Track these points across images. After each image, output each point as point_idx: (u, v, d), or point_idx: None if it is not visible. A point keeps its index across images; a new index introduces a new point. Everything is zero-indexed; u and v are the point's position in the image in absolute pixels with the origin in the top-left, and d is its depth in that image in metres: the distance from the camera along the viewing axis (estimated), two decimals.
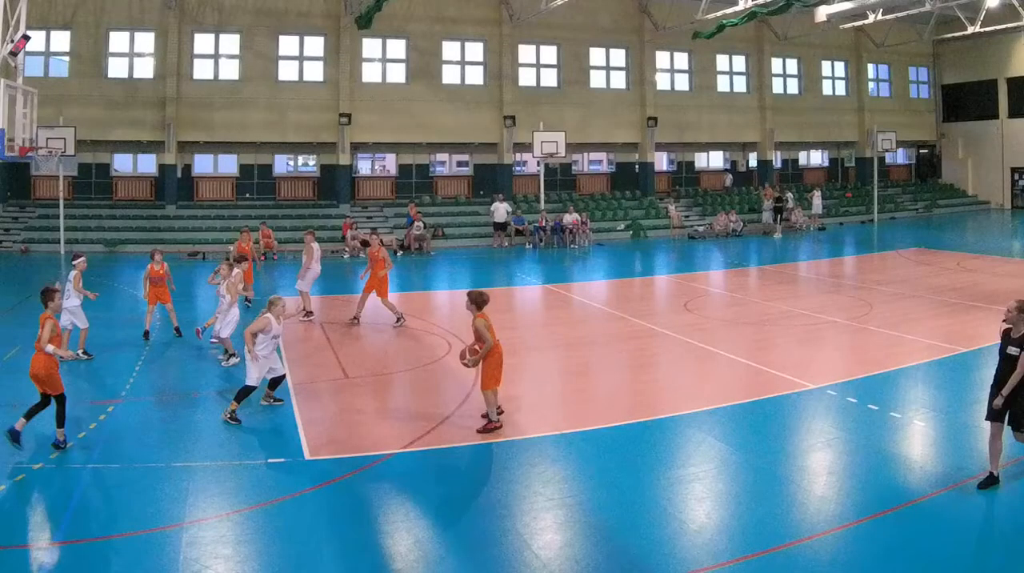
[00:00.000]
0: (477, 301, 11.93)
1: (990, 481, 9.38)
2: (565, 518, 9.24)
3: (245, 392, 12.61)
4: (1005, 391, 9.23)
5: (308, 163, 41.71)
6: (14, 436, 11.06)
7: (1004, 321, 9.53)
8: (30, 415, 11.24)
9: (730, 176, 43.98)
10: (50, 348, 10.94)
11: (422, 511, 9.47)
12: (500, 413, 12.20)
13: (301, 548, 8.55)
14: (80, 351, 15.96)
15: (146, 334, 17.89)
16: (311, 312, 20.66)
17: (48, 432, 11.60)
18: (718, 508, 9.45)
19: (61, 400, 11.25)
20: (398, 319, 19.55)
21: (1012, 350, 9.34)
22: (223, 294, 16.35)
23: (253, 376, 12.59)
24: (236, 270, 16.81)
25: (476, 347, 11.84)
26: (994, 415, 9.44)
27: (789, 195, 41.92)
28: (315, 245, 20.95)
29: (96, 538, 8.81)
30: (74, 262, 16.70)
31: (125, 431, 12.18)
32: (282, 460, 11.01)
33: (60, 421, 11.25)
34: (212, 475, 10.51)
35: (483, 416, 12.15)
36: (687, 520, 9.15)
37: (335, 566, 8.31)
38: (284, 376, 13.45)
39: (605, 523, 9.05)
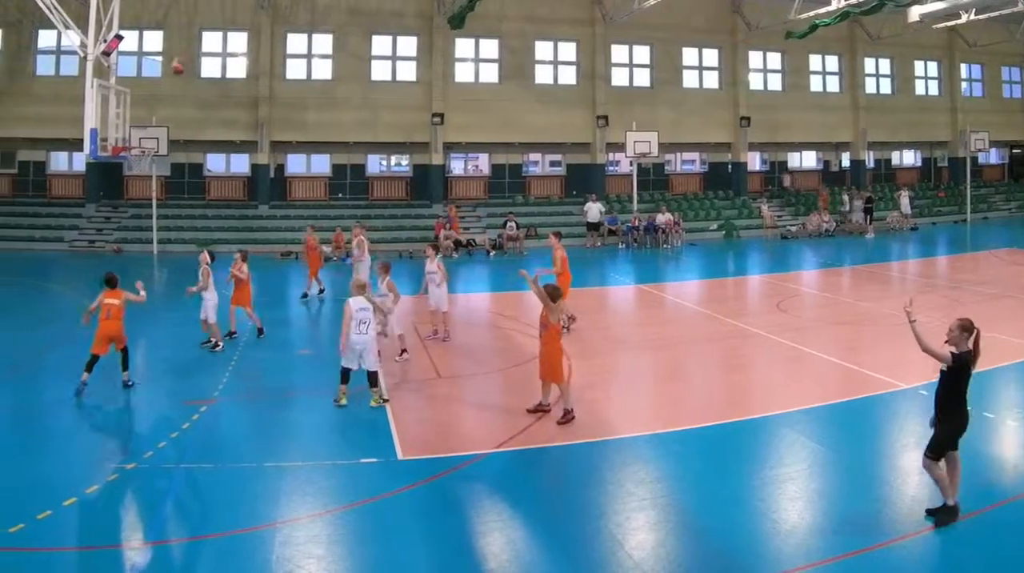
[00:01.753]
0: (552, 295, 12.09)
1: (946, 512, 8.33)
2: (657, 518, 8.86)
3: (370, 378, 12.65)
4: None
5: (401, 163, 39.12)
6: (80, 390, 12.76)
7: (946, 341, 8.47)
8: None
9: (788, 177, 41.18)
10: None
11: (515, 511, 9.04)
12: (548, 408, 12.03)
13: (393, 548, 8.19)
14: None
15: (231, 334, 17.29)
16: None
17: (140, 432, 11.76)
18: (810, 508, 9.03)
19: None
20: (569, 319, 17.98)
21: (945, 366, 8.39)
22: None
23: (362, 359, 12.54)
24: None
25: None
26: (931, 452, 8.48)
27: (846, 197, 39.05)
28: (364, 237, 21.50)
29: (189, 538, 8.50)
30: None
31: (218, 431, 11.82)
32: (375, 460, 10.49)
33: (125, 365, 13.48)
34: (305, 475, 10.04)
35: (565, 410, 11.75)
36: (780, 520, 8.71)
37: (428, 566, 7.96)
38: (372, 374, 12.72)
39: (698, 523, 8.69)
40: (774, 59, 40.36)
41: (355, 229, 22.34)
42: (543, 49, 37.96)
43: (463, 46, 37.35)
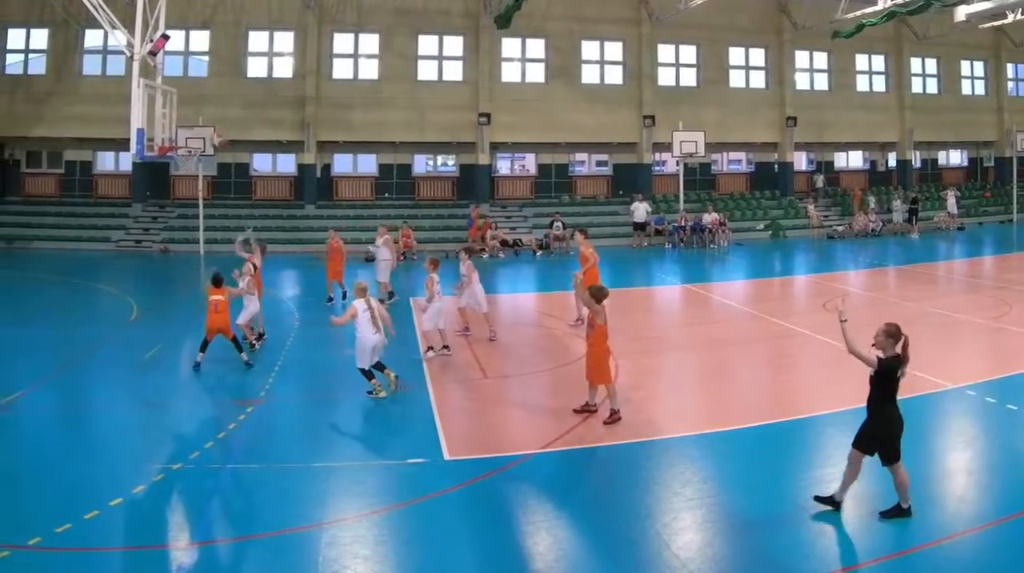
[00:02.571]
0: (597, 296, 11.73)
1: (830, 501, 8.43)
2: (704, 518, 8.61)
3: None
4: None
5: (447, 163, 37.83)
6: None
7: (873, 345, 8.50)
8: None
9: (821, 177, 39.56)
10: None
11: (561, 511, 8.79)
12: (594, 409, 11.75)
13: (440, 548, 7.99)
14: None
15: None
16: (393, 293, 20.66)
17: (187, 432, 11.41)
18: (857, 508, 8.65)
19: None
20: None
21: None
22: None
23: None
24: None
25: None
26: (858, 443, 8.43)
27: (871, 198, 37.73)
28: (388, 237, 21.41)
29: (235, 538, 8.32)
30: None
31: (265, 431, 11.55)
32: (421, 460, 10.19)
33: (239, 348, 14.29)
34: (352, 475, 9.86)
35: (611, 410, 11.46)
36: (825, 520, 8.41)
37: (474, 567, 7.74)
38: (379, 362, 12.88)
39: (744, 523, 8.42)
40: (820, 59, 38.89)
41: (380, 230, 21.63)
42: (589, 49, 36.72)
43: (509, 46, 36.19)
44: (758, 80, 38.34)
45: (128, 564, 7.80)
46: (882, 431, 8.23)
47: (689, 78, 37.77)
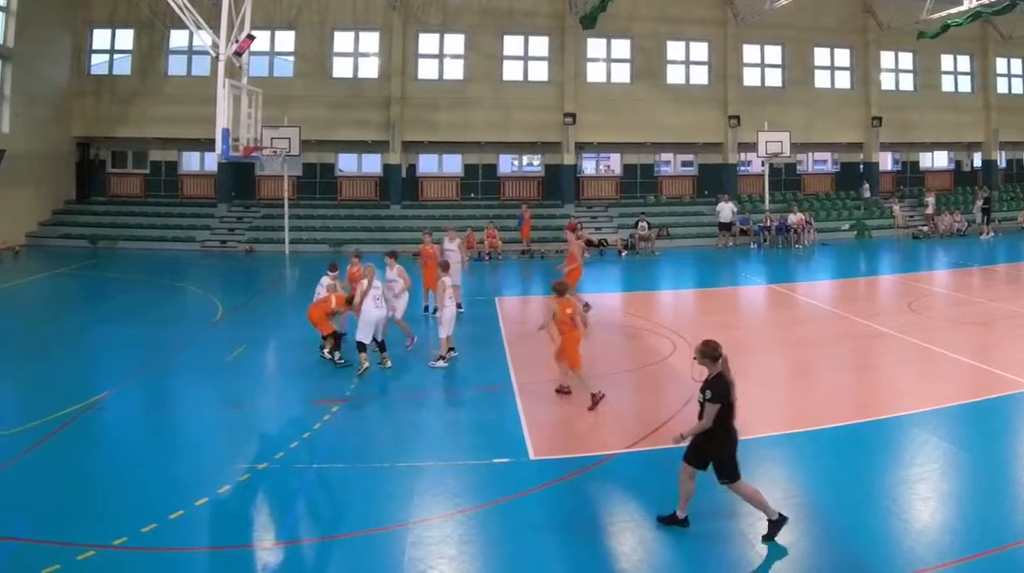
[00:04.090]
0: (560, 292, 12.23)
1: (673, 520, 7.90)
2: (789, 518, 7.82)
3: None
4: (686, 433, 7.77)
5: (533, 163, 35.98)
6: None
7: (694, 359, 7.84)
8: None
9: (867, 185, 36.87)
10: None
11: (646, 511, 8.31)
12: (568, 390, 12.16)
13: (525, 548, 7.65)
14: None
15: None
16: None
17: (272, 432, 11.04)
18: (942, 508, 8.41)
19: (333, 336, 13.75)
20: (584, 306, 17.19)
21: (699, 396, 7.72)
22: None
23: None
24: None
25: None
26: (688, 457, 7.86)
27: (929, 199, 35.15)
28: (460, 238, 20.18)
29: (320, 538, 8.01)
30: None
31: (349, 431, 11.15)
32: (507, 460, 9.77)
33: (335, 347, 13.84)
34: (437, 475, 9.38)
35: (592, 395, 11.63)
36: (911, 520, 8.14)
37: (559, 566, 7.41)
38: (382, 342, 13.51)
39: (829, 523, 8.11)
40: (906, 59, 36.65)
41: (449, 231, 20.29)
42: (675, 49, 34.75)
43: (595, 46, 34.24)
44: (843, 80, 36.09)
45: (213, 564, 7.50)
46: (717, 451, 7.68)
47: (774, 78, 35.63)
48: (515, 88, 34.02)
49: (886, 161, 38.23)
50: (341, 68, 33.75)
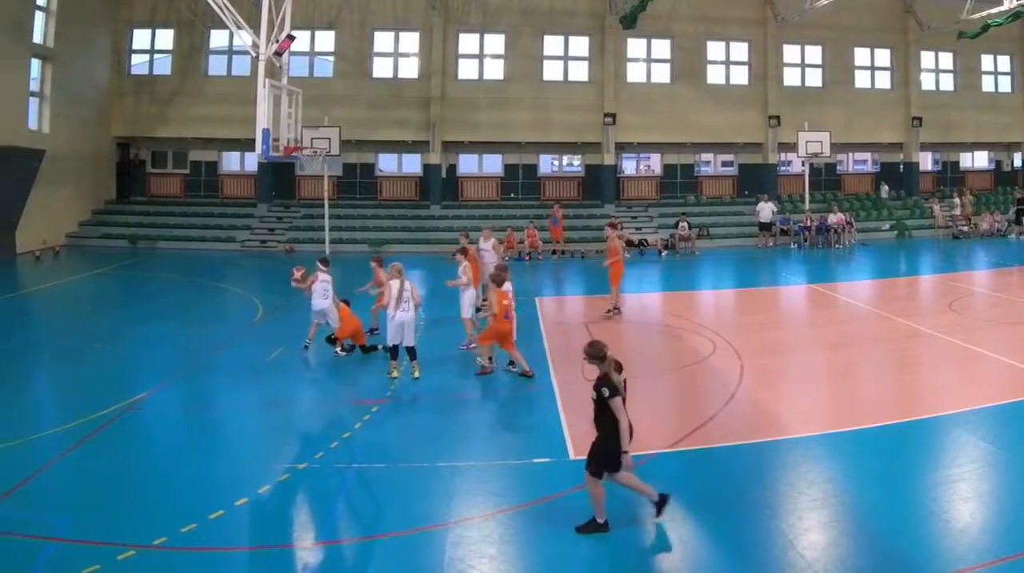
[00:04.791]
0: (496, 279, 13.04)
1: (595, 527, 7.65)
2: (829, 518, 8.04)
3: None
4: (623, 445, 7.50)
5: (573, 163, 35.03)
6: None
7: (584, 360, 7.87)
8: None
9: (885, 187, 36.24)
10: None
11: (686, 511, 8.15)
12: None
13: (565, 548, 7.49)
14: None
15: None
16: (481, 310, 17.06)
17: (312, 432, 10.90)
18: (982, 508, 8.19)
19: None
20: (613, 309, 17.53)
21: (593, 394, 7.61)
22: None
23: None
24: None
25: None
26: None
27: (956, 201, 34.28)
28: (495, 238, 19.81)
29: (360, 538, 7.86)
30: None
31: (389, 431, 10.89)
32: (547, 460, 9.60)
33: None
34: (477, 475, 9.21)
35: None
36: (952, 520, 7.95)
37: (599, 566, 7.34)
38: (411, 349, 12.88)
39: (870, 523, 7.89)
40: (946, 59, 35.71)
41: (484, 231, 19.90)
42: (715, 49, 33.85)
43: (635, 46, 33.36)
44: (883, 80, 35.11)
45: (253, 564, 7.39)
46: (604, 446, 7.58)
47: (815, 78, 34.67)
48: (555, 88, 33.16)
49: (926, 161, 37.34)
50: (381, 68, 32.96)
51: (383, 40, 33.06)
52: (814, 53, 34.88)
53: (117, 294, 22.73)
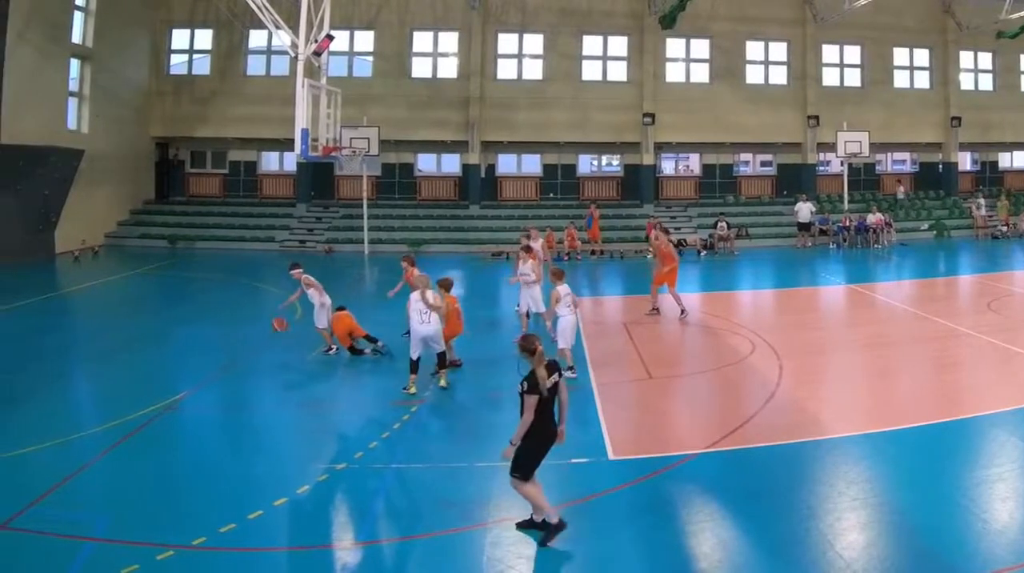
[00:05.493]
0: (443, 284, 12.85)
1: (538, 526, 7.39)
2: (868, 518, 7.85)
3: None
4: (514, 438, 7.25)
5: (612, 163, 34.23)
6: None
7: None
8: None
9: (901, 188, 35.12)
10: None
11: (726, 511, 8.00)
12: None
13: (604, 548, 7.34)
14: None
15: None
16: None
17: (351, 432, 10.63)
18: (1021, 508, 7.97)
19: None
20: (682, 312, 17.01)
21: (519, 387, 7.23)
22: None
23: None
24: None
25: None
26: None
27: (981, 200, 33.38)
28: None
29: (399, 538, 7.70)
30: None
31: (428, 431, 10.75)
32: (586, 460, 9.36)
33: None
34: None
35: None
36: (990, 520, 7.71)
37: (638, 566, 7.06)
38: (440, 354, 12.32)
39: (908, 523, 7.70)
40: (985, 59, 34.72)
41: (530, 231, 19.32)
42: (754, 49, 32.97)
43: (674, 46, 32.51)
44: (922, 80, 34.18)
45: (292, 564, 7.24)
46: (524, 443, 7.22)
47: (853, 78, 33.75)
48: (594, 88, 32.34)
49: (965, 161, 36.65)
50: (420, 68, 32.21)
51: (422, 40, 32.35)
52: (853, 53, 34.01)
53: (155, 294, 22.39)
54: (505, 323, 17.12)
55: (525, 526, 7.48)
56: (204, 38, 32.30)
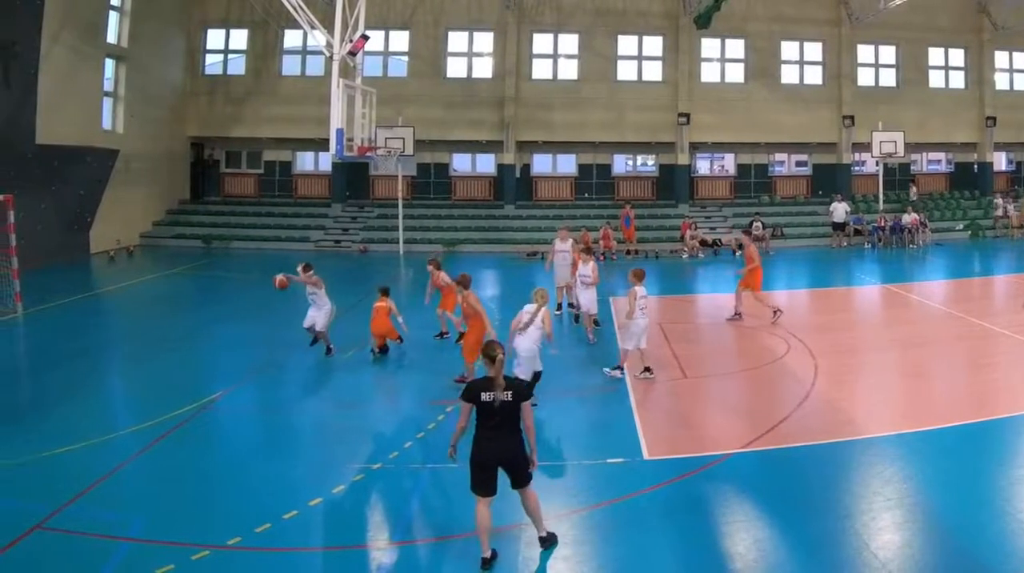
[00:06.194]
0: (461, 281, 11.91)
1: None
2: (903, 518, 7.69)
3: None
4: (453, 440, 7.09)
5: (647, 163, 33.31)
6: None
7: None
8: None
9: (914, 189, 34.11)
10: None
11: (760, 511, 7.90)
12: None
13: (640, 548, 7.18)
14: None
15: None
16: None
17: (386, 432, 10.42)
18: None
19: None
20: (775, 313, 16.50)
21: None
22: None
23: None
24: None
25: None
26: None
27: (998, 202, 32.34)
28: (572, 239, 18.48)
29: (434, 538, 7.52)
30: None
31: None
32: (621, 460, 9.24)
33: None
34: (551, 474, 8.77)
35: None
36: None
37: (674, 566, 6.95)
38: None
39: (943, 523, 7.52)
40: (1020, 59, 33.69)
41: (560, 231, 19.00)
42: (789, 49, 32.07)
43: (709, 46, 31.64)
44: (957, 80, 33.25)
45: (327, 564, 7.13)
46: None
47: (888, 78, 32.85)
48: (629, 88, 31.52)
49: (1000, 161, 36.03)
50: (455, 68, 31.48)
51: (457, 40, 31.66)
52: (888, 53, 33.12)
53: (191, 294, 22.07)
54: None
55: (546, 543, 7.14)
56: (239, 38, 31.66)
